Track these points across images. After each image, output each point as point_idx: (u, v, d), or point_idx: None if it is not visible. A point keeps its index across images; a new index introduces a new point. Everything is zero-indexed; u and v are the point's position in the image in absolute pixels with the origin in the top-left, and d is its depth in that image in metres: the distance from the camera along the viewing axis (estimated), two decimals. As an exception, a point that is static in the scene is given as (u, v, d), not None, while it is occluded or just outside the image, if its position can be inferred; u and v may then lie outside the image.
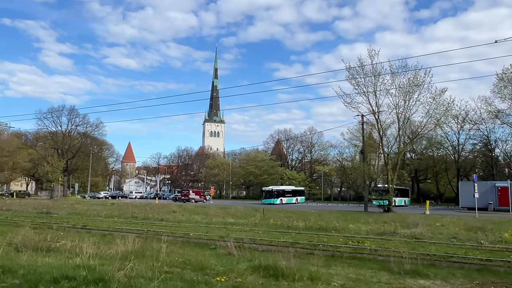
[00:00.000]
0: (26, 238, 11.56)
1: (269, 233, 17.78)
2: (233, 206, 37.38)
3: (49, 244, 11.79)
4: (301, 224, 21.71)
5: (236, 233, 17.42)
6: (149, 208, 34.19)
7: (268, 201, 62.30)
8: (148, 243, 11.78)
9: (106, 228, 18.53)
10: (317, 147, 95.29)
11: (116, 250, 10.52)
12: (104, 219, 24.83)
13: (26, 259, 8.81)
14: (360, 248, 13.30)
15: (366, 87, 34.00)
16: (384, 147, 35.81)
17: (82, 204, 40.87)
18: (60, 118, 75.91)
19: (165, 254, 9.75)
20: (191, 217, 26.43)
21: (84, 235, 15.73)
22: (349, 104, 34.74)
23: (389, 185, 34.88)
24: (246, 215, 28.96)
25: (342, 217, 27.91)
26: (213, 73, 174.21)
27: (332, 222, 21.43)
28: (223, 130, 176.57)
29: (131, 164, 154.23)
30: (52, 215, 27.16)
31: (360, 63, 34.36)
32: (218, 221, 23.57)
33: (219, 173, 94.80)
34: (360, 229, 19.57)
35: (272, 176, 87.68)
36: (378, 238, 16.45)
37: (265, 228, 20.49)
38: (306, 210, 37.25)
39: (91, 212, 29.88)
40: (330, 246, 13.69)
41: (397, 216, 29.36)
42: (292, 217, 26.74)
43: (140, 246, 11.18)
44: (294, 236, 16.61)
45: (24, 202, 40.81)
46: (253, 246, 13.70)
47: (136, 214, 27.78)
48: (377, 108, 33.85)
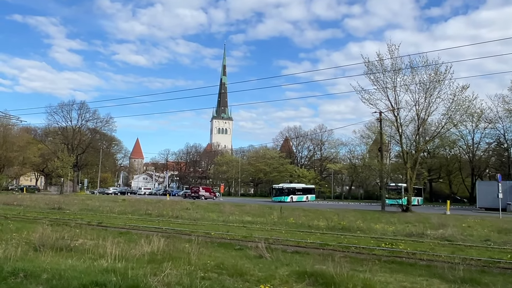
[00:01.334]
0: (44, 237, 10.86)
1: (293, 233, 17.00)
2: (247, 204, 36.68)
3: (68, 243, 11.11)
4: (322, 223, 20.93)
5: (258, 233, 16.66)
6: (162, 205, 33.56)
7: (279, 199, 61.61)
8: (174, 244, 11.04)
9: (122, 226, 17.85)
10: (327, 144, 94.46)
11: (141, 251, 9.80)
12: (118, 216, 24.19)
13: (48, 261, 8.11)
14: (396, 251, 12.47)
15: (385, 83, 33.07)
16: (403, 145, 34.75)
17: (93, 200, 40.34)
18: (71, 113, 75.80)
19: (196, 256, 8.99)
20: (206, 214, 25.72)
21: (101, 233, 15.10)
22: (367, 101, 33.84)
23: (409, 184, 33.92)
24: (262, 213, 28.24)
25: (362, 216, 27.03)
26: (221, 70, 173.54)
27: (356, 222, 20.61)
28: (231, 127, 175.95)
29: (139, 160, 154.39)
30: (64, 211, 26.59)
31: (379, 58, 33.40)
32: (236, 220, 22.82)
33: (228, 170, 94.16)
34: (386, 229, 18.74)
35: (282, 173, 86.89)
36: (409, 240, 15.61)
37: (286, 227, 19.71)
38: (321, 208, 36.43)
39: (104, 208, 29.26)
40: (363, 249, 12.87)
41: (418, 216, 28.46)
42: (310, 215, 25.98)
43: (166, 246, 10.46)
44: (320, 237, 15.81)
45: (35, 197, 40.35)
46: (280, 247, 12.91)
47: (150, 211, 27.12)
48: (396, 105, 32.87)
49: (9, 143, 65.45)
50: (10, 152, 64.92)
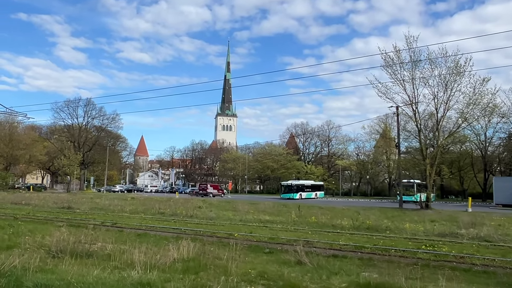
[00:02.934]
0: (61, 241, 9.92)
1: (320, 234, 16.01)
2: (260, 202, 35.72)
3: (87, 248, 10.15)
4: (345, 222, 19.92)
5: (283, 234, 15.74)
6: (173, 203, 32.64)
7: (287, 196, 60.76)
8: (204, 248, 10.09)
9: (138, 227, 16.93)
10: (334, 141, 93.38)
11: (169, 257, 8.83)
12: (131, 215, 23.29)
13: (70, 271, 7.17)
14: (441, 255, 11.46)
15: (403, 76, 31.93)
16: (422, 140, 33.61)
17: (102, 198, 39.47)
18: (77, 110, 75.00)
19: (235, 264, 8.02)
20: (221, 213, 24.79)
21: (117, 234, 14.20)
22: (383, 95, 32.70)
23: (428, 180, 32.80)
24: (278, 211, 27.28)
25: (382, 214, 26.00)
26: (225, 67, 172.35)
27: (383, 221, 19.61)
28: (236, 124, 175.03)
29: (144, 158, 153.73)
30: (74, 211, 25.73)
31: (395, 50, 32.26)
32: (254, 219, 21.86)
33: (235, 167, 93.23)
34: (416, 229, 17.72)
35: (290, 170, 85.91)
36: (446, 241, 14.57)
37: (309, 227, 18.73)
38: (337, 206, 35.38)
39: (114, 207, 28.40)
40: (404, 252, 11.86)
41: (440, 214, 27.44)
42: (328, 214, 24.99)
43: (197, 252, 9.51)
44: (351, 238, 14.84)
45: (43, 196, 39.54)
46: (313, 250, 11.91)
47: (162, 210, 26.21)
48: (415, 99, 31.73)
49: (15, 141, 64.79)
50: (16, 150, 64.24)
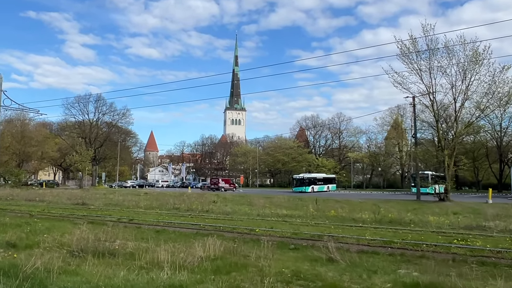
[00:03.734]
0: (82, 239, 9.55)
1: (343, 228, 15.52)
2: (274, 196, 35.29)
3: (108, 246, 9.74)
4: (365, 216, 19.42)
5: (305, 228, 15.27)
6: (187, 198, 32.33)
7: (300, 189, 60.30)
8: (229, 245, 9.65)
9: (156, 223, 16.56)
10: (345, 133, 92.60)
11: (196, 256, 8.39)
12: (146, 211, 22.98)
13: (95, 273, 6.77)
14: (476, 250, 10.89)
15: (420, 65, 31.12)
16: (440, 130, 32.82)
17: (115, 194, 39.31)
18: (87, 106, 75.00)
19: (268, 263, 7.56)
20: (237, 208, 24.40)
21: (135, 231, 13.82)
22: (400, 85, 31.92)
23: (447, 172, 32.06)
24: (295, 205, 26.85)
25: (401, 207, 25.42)
26: (233, 60, 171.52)
27: (406, 214, 19.04)
28: (244, 118, 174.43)
29: (154, 153, 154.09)
30: (89, 207, 25.50)
31: (411, 38, 31.44)
32: (271, 213, 21.41)
33: (246, 161, 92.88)
34: (441, 222, 17.14)
35: (301, 163, 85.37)
36: (476, 234, 13.98)
37: (329, 221, 18.24)
38: (353, 199, 34.82)
39: (128, 203, 28.15)
40: (437, 247, 11.30)
41: (460, 205, 26.77)
42: (345, 207, 24.48)
43: (223, 250, 9.08)
44: (377, 232, 14.31)
45: (56, 192, 39.50)
46: (340, 245, 11.40)
47: (177, 205, 25.88)
48: (432, 88, 30.96)
49: (27, 138, 65.01)
50: (28, 147, 64.47)
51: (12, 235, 10.65)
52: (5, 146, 54.70)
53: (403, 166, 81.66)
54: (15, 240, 10.31)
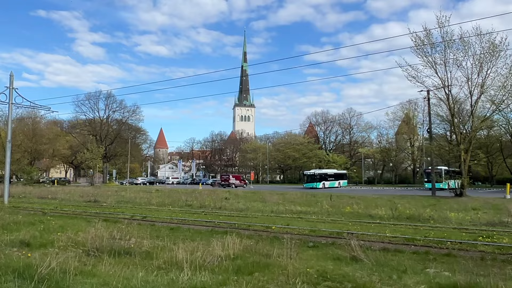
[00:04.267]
0: (97, 238, 9.30)
1: (361, 225, 15.14)
2: (287, 192, 34.90)
3: (123, 245, 9.48)
4: (382, 212, 18.99)
5: (322, 225, 14.91)
6: (198, 194, 32.14)
7: (310, 185, 59.90)
8: (246, 243, 9.33)
9: (169, 220, 16.32)
10: (356, 128, 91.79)
11: (215, 255, 8.08)
12: (158, 208, 22.78)
13: (112, 273, 6.49)
14: (504, 247, 10.45)
15: (434, 58, 30.46)
16: (455, 125, 32.12)
17: (126, 191, 39.30)
18: (98, 103, 75.29)
19: (291, 262, 7.22)
20: (250, 204, 24.08)
21: (149, 229, 13.58)
22: (413, 78, 31.26)
23: (463, 167, 31.40)
24: (308, 201, 26.46)
25: (417, 203, 24.93)
26: (242, 57, 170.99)
27: (425, 210, 18.57)
28: (253, 114, 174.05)
29: (164, 150, 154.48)
30: (101, 204, 25.39)
31: (425, 30, 30.79)
32: (285, 210, 21.07)
33: (256, 157, 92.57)
34: (462, 218, 16.70)
35: (311, 159, 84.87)
36: (501, 231, 13.50)
37: (346, 217, 17.88)
38: (366, 195, 34.33)
39: (140, 200, 28.02)
40: (462, 244, 10.86)
41: (477, 201, 26.16)
42: (360, 203, 24.04)
43: (243, 249, 8.76)
44: (397, 229, 13.88)
45: (68, 190, 39.56)
46: (361, 243, 11.01)
47: (190, 202, 25.66)
48: (448, 82, 30.26)
49: (39, 136, 65.38)
50: (39, 144, 64.85)
51: (26, 233, 10.45)
52: (17, 144, 55.02)
53: (415, 162, 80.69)
54: (29, 239, 10.11)
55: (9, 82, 26.49)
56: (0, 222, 12.66)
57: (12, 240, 9.92)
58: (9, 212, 16.73)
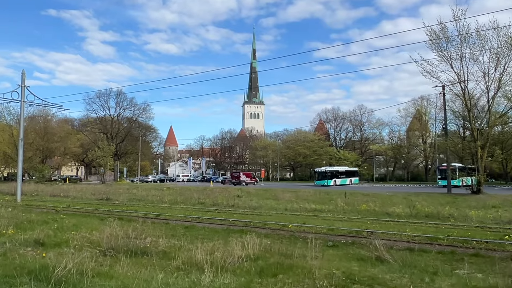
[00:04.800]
0: (112, 237, 9.07)
1: (379, 223, 14.78)
2: (298, 189, 34.58)
3: (138, 244, 9.22)
4: (399, 210, 18.58)
5: (340, 224, 14.56)
6: (210, 192, 31.96)
7: (322, 183, 59.37)
8: (264, 242, 9.03)
9: (183, 219, 16.06)
10: (367, 125, 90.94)
11: (235, 255, 7.78)
12: (171, 206, 22.61)
13: (131, 275, 6.23)
14: (534, 247, 10.01)
15: (450, 52, 29.79)
16: (472, 121, 31.41)
17: (138, 189, 39.23)
18: (108, 102, 75.49)
19: (316, 263, 6.90)
20: (263, 202, 23.79)
21: (163, 227, 13.38)
22: (428, 73, 30.59)
23: (480, 163, 30.73)
24: (321, 199, 26.12)
25: (434, 200, 24.43)
26: (251, 54, 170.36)
27: (444, 208, 18.11)
28: (263, 112, 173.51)
29: (173, 148, 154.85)
30: (113, 202, 25.31)
31: (439, 24, 30.10)
32: (299, 208, 20.74)
33: (266, 155, 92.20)
34: (483, 216, 16.22)
35: (322, 156, 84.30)
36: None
37: (362, 215, 17.52)
38: (380, 192, 33.81)
39: (152, 198, 27.88)
40: (489, 244, 10.44)
41: (495, 198, 25.54)
42: (375, 201, 23.63)
43: (263, 248, 8.46)
44: (418, 227, 13.48)
45: (79, 188, 39.63)
46: (383, 242, 10.63)
47: (202, 200, 25.47)
48: (464, 77, 29.59)
49: (50, 134, 65.70)
50: (51, 143, 65.17)
51: (40, 232, 10.26)
52: (29, 142, 55.33)
53: (427, 158, 79.67)
54: (43, 238, 9.92)
55: (21, 80, 26.50)
56: (13, 221, 12.49)
57: (26, 239, 9.74)
58: (22, 211, 16.64)
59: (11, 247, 8.90)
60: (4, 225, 11.44)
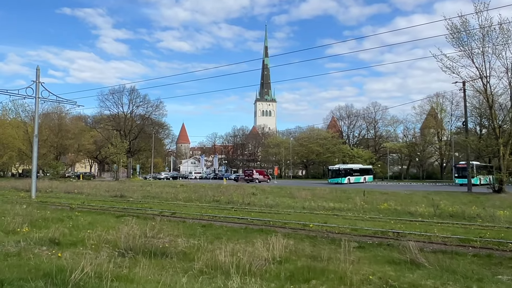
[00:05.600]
0: (130, 237, 8.67)
1: (404, 223, 14.20)
2: (313, 187, 33.95)
3: (157, 244, 8.80)
4: (421, 209, 17.93)
5: (362, 223, 14.02)
6: (225, 190, 31.56)
7: (335, 181, 58.62)
8: (287, 243, 8.55)
9: (200, 217, 15.66)
10: (381, 122, 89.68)
11: (260, 257, 7.32)
12: (186, 203, 22.25)
13: (153, 279, 5.80)
14: None
15: (471, 47, 28.87)
16: (494, 118, 30.45)
17: (152, 186, 39.07)
18: (121, 99, 75.56)
19: (350, 267, 6.41)
20: (279, 200, 23.31)
21: (180, 225, 12.96)
22: (448, 69, 29.70)
23: (502, 162, 29.78)
24: (339, 197, 25.55)
25: (455, 199, 23.69)
26: (263, 51, 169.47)
27: (468, 207, 17.42)
28: (275, 109, 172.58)
29: (186, 145, 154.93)
30: (127, 199, 25.06)
31: (460, 17, 29.20)
32: (317, 206, 20.22)
33: (278, 152, 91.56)
34: (511, 216, 15.49)
35: (335, 154, 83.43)
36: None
37: (383, 214, 16.94)
38: (397, 190, 33.06)
39: (166, 195, 27.58)
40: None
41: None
42: (394, 199, 23.00)
43: (288, 250, 7.99)
44: (445, 228, 12.89)
45: (93, 184, 39.58)
46: (411, 244, 10.07)
47: (217, 197, 25.06)
48: (485, 72, 28.65)
49: (64, 131, 66.10)
50: (65, 139, 65.57)
51: (55, 231, 9.92)
52: (43, 139, 55.67)
53: (443, 156, 78.32)
54: (58, 237, 9.58)
55: (35, 76, 26.37)
56: (28, 218, 12.20)
57: (41, 238, 9.41)
58: (37, 208, 16.41)
59: (25, 246, 8.56)
60: (19, 222, 11.14)
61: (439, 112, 77.30)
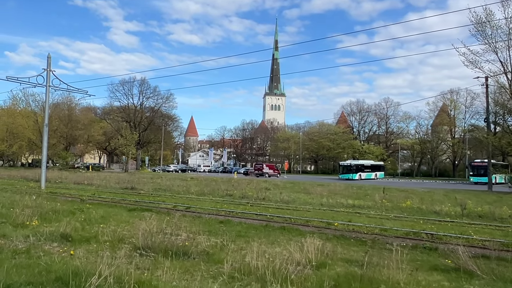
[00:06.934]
0: (148, 234, 7.96)
1: (434, 224, 13.38)
2: (327, 183, 33.19)
3: (175, 242, 8.07)
4: (447, 208, 17.07)
5: (388, 223, 13.19)
6: (237, 184, 30.90)
7: (346, 176, 57.87)
8: (334, 246, 7.79)
9: (216, 212, 14.93)
10: (392, 119, 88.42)
11: (293, 261, 6.56)
12: (199, 197, 21.55)
13: (177, 284, 5.07)
14: None
15: (496, 41, 27.76)
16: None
17: (162, 178, 38.49)
18: (132, 90, 75.15)
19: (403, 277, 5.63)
20: (294, 196, 22.53)
21: (196, 221, 12.24)
22: (471, 63, 28.61)
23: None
24: (355, 194, 24.76)
25: (478, 199, 22.80)
26: (273, 45, 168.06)
27: (497, 208, 16.51)
28: (284, 104, 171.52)
29: (194, 138, 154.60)
30: (138, 192, 24.43)
31: (485, 11, 28.06)
32: (335, 203, 19.44)
33: (288, 147, 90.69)
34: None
35: (346, 149, 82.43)
36: None
37: (408, 213, 16.12)
38: (413, 187, 32.16)
39: (177, 188, 26.90)
40: None
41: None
42: (413, 197, 22.13)
43: (320, 252, 7.21)
44: (479, 230, 12.07)
45: (103, 176, 39.05)
46: (450, 248, 9.24)
47: (229, 191, 24.35)
48: (510, 67, 27.54)
49: (74, 121, 65.86)
50: (75, 130, 65.34)
51: (67, 225, 9.23)
52: (53, 129, 55.42)
53: (456, 154, 76.99)
54: (70, 232, 8.88)
55: (46, 64, 25.78)
56: (38, 211, 11.54)
57: (51, 232, 8.72)
58: (47, 199, 15.77)
59: (35, 242, 7.91)
60: (28, 215, 10.47)
61: (453, 109, 75.98)
